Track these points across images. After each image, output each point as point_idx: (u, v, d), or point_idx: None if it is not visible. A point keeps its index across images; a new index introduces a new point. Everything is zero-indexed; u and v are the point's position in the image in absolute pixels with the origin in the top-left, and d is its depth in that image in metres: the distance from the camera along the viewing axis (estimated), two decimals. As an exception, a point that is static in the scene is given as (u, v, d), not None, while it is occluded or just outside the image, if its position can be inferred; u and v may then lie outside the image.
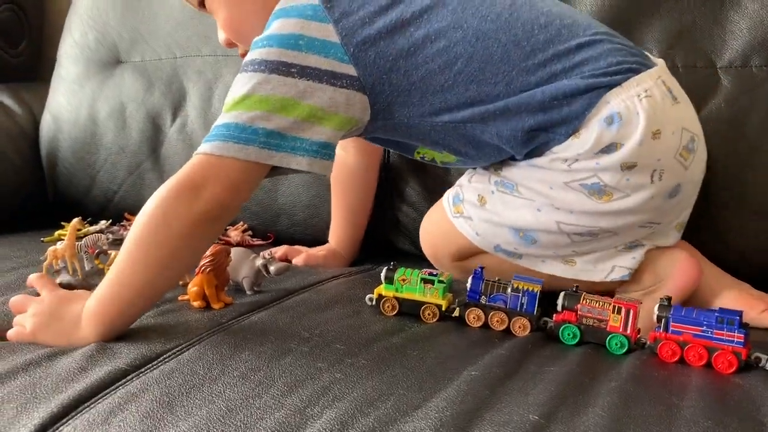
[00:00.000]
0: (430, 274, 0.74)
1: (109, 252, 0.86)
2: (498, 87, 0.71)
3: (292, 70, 0.69)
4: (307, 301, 0.77)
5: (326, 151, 0.69)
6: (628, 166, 0.70)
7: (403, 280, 0.74)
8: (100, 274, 0.85)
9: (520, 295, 0.71)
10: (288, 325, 0.69)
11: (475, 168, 0.81)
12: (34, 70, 1.52)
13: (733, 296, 0.78)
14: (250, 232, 1.08)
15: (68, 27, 1.28)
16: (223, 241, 1.05)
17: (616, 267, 0.76)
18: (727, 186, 0.87)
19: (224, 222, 0.70)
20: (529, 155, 0.74)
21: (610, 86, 0.70)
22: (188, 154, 1.11)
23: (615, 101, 0.70)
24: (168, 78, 1.17)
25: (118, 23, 1.22)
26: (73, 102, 1.23)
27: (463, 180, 0.82)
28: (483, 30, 0.71)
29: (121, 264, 0.66)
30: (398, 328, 0.70)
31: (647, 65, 0.73)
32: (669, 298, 0.68)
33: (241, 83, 0.69)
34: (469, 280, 0.73)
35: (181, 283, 0.80)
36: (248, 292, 0.80)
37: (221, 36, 0.82)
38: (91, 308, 0.65)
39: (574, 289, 0.71)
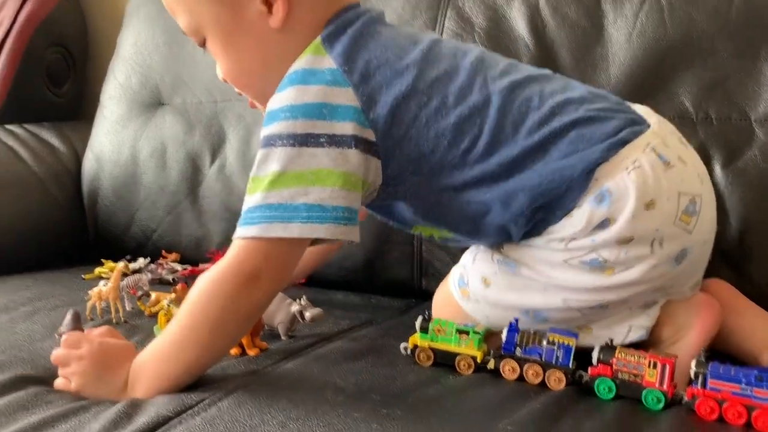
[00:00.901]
0: (466, 324, 0.74)
1: (149, 293, 0.88)
2: (501, 167, 0.71)
3: (321, 140, 0.68)
4: (341, 348, 0.78)
5: (355, 215, 0.69)
6: (625, 240, 0.70)
7: (439, 330, 0.74)
8: (141, 315, 0.87)
9: (555, 348, 0.72)
10: (323, 374, 0.70)
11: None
12: (76, 109, 1.57)
13: None
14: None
15: (112, 69, 1.33)
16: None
17: (633, 327, 0.75)
18: (764, 238, 0.86)
19: (275, 296, 0.74)
20: (526, 236, 0.74)
21: (599, 163, 0.70)
22: (226, 196, 1.16)
23: (604, 178, 0.70)
24: (208, 121, 1.20)
25: (161, 67, 1.26)
26: (115, 142, 1.27)
27: (467, 260, 0.80)
28: (489, 110, 0.71)
29: (173, 343, 0.67)
30: (433, 379, 0.70)
31: (638, 132, 0.72)
32: (707, 355, 0.68)
33: (271, 159, 0.68)
34: (504, 331, 0.73)
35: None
36: (283, 338, 0.81)
37: (219, 74, 0.80)
38: (140, 378, 0.66)
39: (608, 343, 0.72)
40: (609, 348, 0.70)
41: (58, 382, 0.69)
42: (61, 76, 1.52)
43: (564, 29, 1.01)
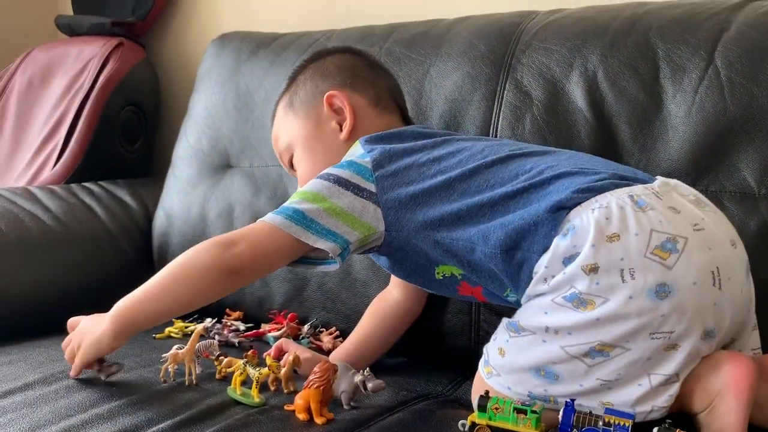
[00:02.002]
0: (523, 404, 0.76)
1: (221, 357, 0.92)
2: (484, 206, 0.83)
3: (330, 177, 0.89)
4: (403, 422, 0.80)
5: (333, 238, 0.85)
6: (591, 269, 0.74)
7: (496, 408, 0.76)
8: (211, 379, 0.91)
9: (612, 429, 0.72)
10: (387, 449, 0.72)
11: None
12: (146, 165, 1.66)
13: None
14: (341, 339, 1.12)
15: (184, 131, 1.40)
16: (316, 346, 1.10)
17: (654, 407, 0.75)
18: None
19: (243, 280, 0.88)
20: (521, 287, 0.81)
21: (572, 207, 0.77)
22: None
23: (573, 218, 0.77)
24: (274, 184, 1.25)
25: (230, 131, 1.33)
26: (185, 201, 1.33)
27: (488, 343, 0.85)
28: (479, 167, 0.86)
29: (153, 283, 0.86)
30: (493, 458, 0.72)
31: (621, 185, 0.79)
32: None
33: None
34: (561, 412, 0.74)
35: (286, 391, 0.87)
36: (345, 407, 0.84)
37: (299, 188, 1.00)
38: (118, 309, 0.86)
39: (666, 425, 0.72)
40: (667, 430, 0.71)
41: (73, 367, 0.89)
42: (133, 134, 1.61)
43: (622, 103, 1.02)
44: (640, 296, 0.73)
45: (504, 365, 0.80)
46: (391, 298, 1.05)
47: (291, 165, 1.03)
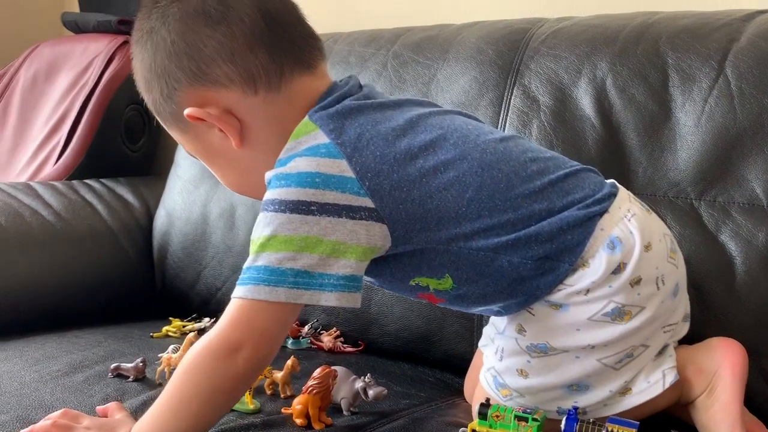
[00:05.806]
0: (524, 411, 0.74)
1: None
2: (507, 213, 0.74)
3: (312, 208, 0.69)
4: (404, 428, 0.79)
5: (353, 283, 0.70)
6: (635, 282, 0.75)
7: (497, 416, 0.74)
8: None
9: (616, 439, 0.71)
10: (386, 456, 0.71)
11: (493, 340, 0.82)
12: (148, 164, 1.65)
13: None
14: (341, 339, 1.11)
15: (188, 130, 1.39)
16: (316, 346, 1.09)
17: (665, 371, 0.77)
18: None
19: (262, 370, 0.77)
20: (543, 292, 0.76)
21: (601, 213, 0.76)
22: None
23: (609, 227, 0.76)
24: (276, 185, 1.24)
25: (233, 131, 1.32)
26: (187, 200, 1.32)
27: (492, 361, 0.81)
28: (486, 161, 0.75)
29: (164, 411, 0.70)
30: (493, 468, 0.70)
31: (614, 184, 0.81)
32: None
33: (264, 223, 0.70)
34: (563, 421, 0.73)
35: (283, 396, 0.86)
36: (345, 413, 0.82)
37: None
38: None
39: (673, 434, 0.71)
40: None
41: None
42: (136, 133, 1.60)
43: (631, 110, 1.01)
44: (667, 299, 0.77)
45: (530, 387, 0.78)
46: None
47: None
